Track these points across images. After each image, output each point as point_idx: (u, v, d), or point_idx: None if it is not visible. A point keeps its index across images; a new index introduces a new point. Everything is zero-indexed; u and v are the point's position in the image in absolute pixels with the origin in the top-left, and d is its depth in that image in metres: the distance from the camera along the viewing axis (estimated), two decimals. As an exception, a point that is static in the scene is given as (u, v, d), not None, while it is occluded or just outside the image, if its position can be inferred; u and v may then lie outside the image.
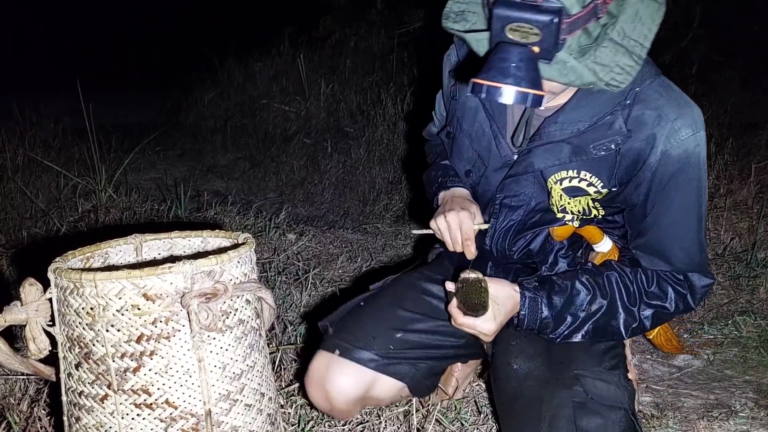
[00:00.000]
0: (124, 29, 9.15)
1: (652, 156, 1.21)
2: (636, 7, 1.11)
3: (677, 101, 1.21)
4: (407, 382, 1.40)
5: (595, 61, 1.08)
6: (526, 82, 1.01)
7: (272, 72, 4.96)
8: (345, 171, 3.99)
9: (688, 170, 1.21)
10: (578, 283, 1.30)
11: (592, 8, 1.03)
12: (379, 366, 1.36)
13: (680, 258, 1.28)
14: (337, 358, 1.36)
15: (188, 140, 4.70)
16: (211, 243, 1.32)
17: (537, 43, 1.01)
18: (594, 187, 1.28)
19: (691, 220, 1.26)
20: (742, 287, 2.54)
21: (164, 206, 3.14)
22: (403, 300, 1.47)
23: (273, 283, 2.43)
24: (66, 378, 1.10)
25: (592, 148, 1.23)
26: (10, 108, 4.01)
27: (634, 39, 1.10)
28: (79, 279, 1.00)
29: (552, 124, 1.25)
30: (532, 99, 1.01)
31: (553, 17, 0.99)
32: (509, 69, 1.01)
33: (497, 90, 1.01)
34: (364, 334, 1.39)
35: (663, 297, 1.30)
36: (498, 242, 1.41)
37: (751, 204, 3.11)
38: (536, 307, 1.29)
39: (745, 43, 4.88)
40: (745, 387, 1.93)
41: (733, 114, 4.35)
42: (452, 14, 1.19)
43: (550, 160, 1.27)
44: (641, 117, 1.20)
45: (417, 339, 1.42)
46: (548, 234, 1.37)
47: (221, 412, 1.08)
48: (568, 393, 1.24)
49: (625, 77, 1.09)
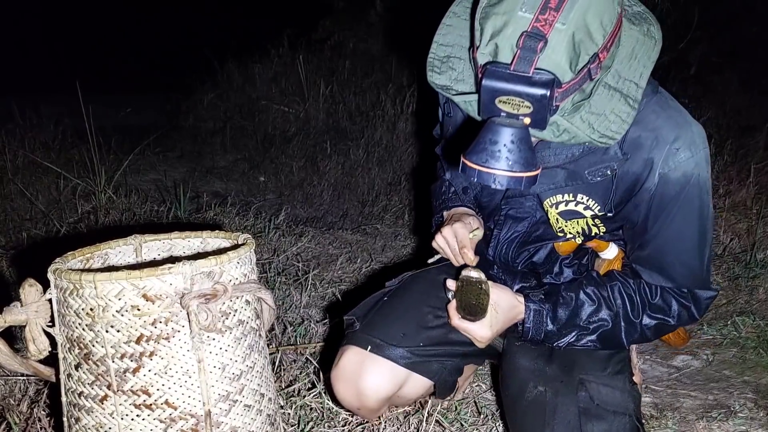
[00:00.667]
0: (124, 31, 9.15)
1: (650, 180, 1.18)
2: (632, 46, 1.08)
3: (675, 121, 1.17)
4: (435, 380, 1.38)
5: (589, 111, 1.04)
6: (519, 165, 0.96)
7: (271, 73, 4.97)
8: (344, 172, 4.00)
9: (688, 190, 1.18)
10: (583, 294, 1.28)
11: (585, 73, 0.99)
12: (410, 363, 1.33)
13: (682, 274, 1.26)
14: (369, 354, 1.32)
15: (188, 142, 4.71)
16: (211, 244, 1.32)
17: (528, 114, 0.97)
18: (591, 210, 1.26)
19: (692, 237, 1.23)
20: (740, 288, 2.54)
21: (164, 207, 3.14)
22: (428, 297, 1.43)
23: (273, 284, 2.43)
24: (66, 379, 1.10)
25: (588, 174, 1.21)
26: (10, 109, 4.02)
27: (629, 79, 1.06)
28: (78, 280, 1.00)
29: (546, 149, 1.22)
30: (526, 182, 0.98)
31: (546, 90, 0.94)
32: (501, 153, 0.96)
33: (489, 176, 0.97)
34: (395, 330, 1.35)
35: (666, 309, 1.28)
36: (501, 252, 1.40)
37: (749, 205, 3.12)
38: (541, 320, 1.28)
39: (743, 45, 4.88)
40: (744, 387, 1.93)
41: (731, 115, 4.35)
42: (436, 62, 1.13)
43: (545, 183, 1.25)
44: (638, 140, 1.16)
45: (443, 337, 1.38)
46: (552, 248, 1.37)
47: (221, 413, 1.08)
48: (573, 398, 1.24)
49: (620, 126, 1.05)
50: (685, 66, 4.68)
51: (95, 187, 3.10)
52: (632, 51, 1.08)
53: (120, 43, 8.99)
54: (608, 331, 1.28)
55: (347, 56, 5.03)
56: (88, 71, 6.00)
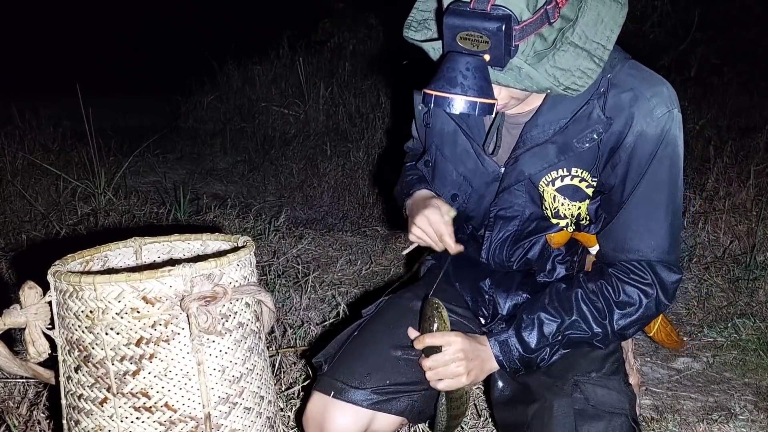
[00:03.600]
0: (124, 33, 9.17)
1: (630, 135, 1.19)
2: (597, 10, 1.10)
3: (649, 80, 1.20)
4: (406, 415, 1.35)
5: (555, 66, 1.07)
6: (474, 91, 1.01)
7: (271, 75, 4.97)
8: (344, 174, 4.00)
9: (662, 149, 1.19)
10: (543, 313, 1.27)
11: (542, 13, 1.03)
12: (374, 404, 1.31)
13: (646, 242, 1.23)
14: (332, 399, 1.31)
15: (187, 143, 4.71)
16: (211, 246, 1.32)
17: (487, 50, 1.01)
18: (586, 182, 1.26)
19: (661, 202, 1.22)
20: (741, 290, 2.54)
21: (163, 209, 3.14)
22: (398, 328, 1.38)
23: (272, 286, 2.43)
24: (65, 381, 1.10)
25: (576, 142, 1.22)
26: (9, 111, 4.02)
27: (596, 41, 1.09)
28: (78, 282, 1.00)
29: (533, 128, 1.24)
30: (480, 107, 1.02)
31: (502, 24, 0.99)
32: (456, 78, 1.01)
33: (445, 100, 1.02)
34: (359, 371, 1.32)
35: (632, 302, 1.25)
36: (495, 254, 1.39)
37: (750, 207, 3.11)
38: (508, 348, 1.26)
39: (743, 47, 4.89)
40: (745, 389, 1.93)
41: (731, 117, 4.36)
42: (414, 23, 1.18)
43: (538, 163, 1.26)
44: (618, 101, 1.19)
45: (413, 370, 1.35)
46: (546, 241, 1.36)
47: (220, 416, 1.08)
48: (568, 400, 1.23)
49: (586, 81, 1.08)
50: (685, 67, 4.69)
51: (95, 189, 3.10)
52: (598, 14, 1.11)
53: (120, 44, 9.01)
54: (580, 339, 1.27)
55: (347, 58, 5.04)
56: (87, 73, 6.01)
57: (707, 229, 2.98)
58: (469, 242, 1.44)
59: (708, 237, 2.95)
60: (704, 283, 2.59)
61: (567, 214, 1.30)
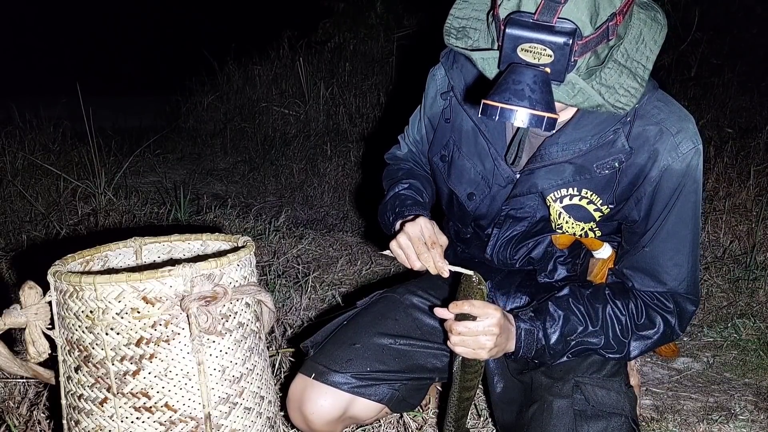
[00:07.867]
0: (124, 33, 9.17)
1: (654, 170, 1.19)
2: (640, 29, 1.11)
3: (677, 115, 1.20)
4: (386, 403, 1.38)
5: (601, 83, 1.07)
6: (541, 105, 0.98)
7: (272, 75, 4.97)
8: (344, 174, 4.00)
9: (688, 184, 1.20)
10: (572, 313, 1.27)
11: (604, 30, 1.03)
12: (353, 388, 1.34)
13: (674, 276, 1.26)
14: (312, 381, 1.35)
15: (188, 143, 4.71)
16: (211, 246, 1.32)
17: (549, 64, 1.00)
18: (594, 205, 1.26)
19: (686, 236, 1.24)
20: (741, 290, 2.54)
21: (164, 209, 3.14)
22: (385, 320, 1.43)
23: (273, 286, 2.43)
24: (65, 381, 1.10)
25: (596, 168, 1.22)
26: (10, 112, 4.02)
27: (637, 60, 1.09)
28: (78, 282, 1.00)
29: (553, 145, 1.23)
30: (547, 122, 0.99)
31: (569, 38, 0.98)
32: (524, 91, 0.98)
33: (511, 112, 0.98)
34: (341, 357, 1.37)
35: (651, 326, 1.27)
36: (500, 251, 1.40)
37: (750, 207, 3.12)
38: (532, 339, 1.26)
39: (743, 47, 4.89)
40: (745, 390, 1.93)
41: (731, 117, 4.36)
42: (453, 30, 1.17)
43: (552, 180, 1.26)
44: (643, 133, 1.19)
45: (396, 360, 1.39)
46: (550, 241, 1.36)
47: (221, 416, 1.08)
48: (568, 401, 1.24)
49: (630, 99, 1.08)
50: (685, 67, 4.69)
51: (95, 189, 3.10)
52: (640, 33, 1.11)
53: (120, 45, 9.01)
54: (592, 347, 1.28)
55: (347, 58, 5.04)
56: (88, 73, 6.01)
57: (707, 230, 2.99)
58: (472, 241, 1.45)
59: (708, 237, 2.96)
60: (704, 283, 2.59)
61: (570, 231, 1.31)
